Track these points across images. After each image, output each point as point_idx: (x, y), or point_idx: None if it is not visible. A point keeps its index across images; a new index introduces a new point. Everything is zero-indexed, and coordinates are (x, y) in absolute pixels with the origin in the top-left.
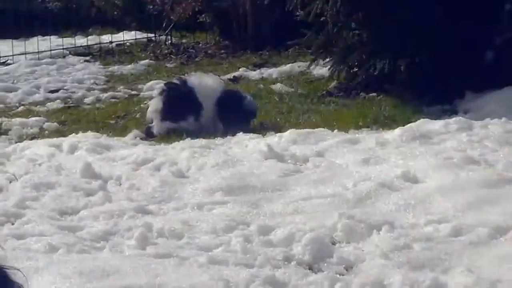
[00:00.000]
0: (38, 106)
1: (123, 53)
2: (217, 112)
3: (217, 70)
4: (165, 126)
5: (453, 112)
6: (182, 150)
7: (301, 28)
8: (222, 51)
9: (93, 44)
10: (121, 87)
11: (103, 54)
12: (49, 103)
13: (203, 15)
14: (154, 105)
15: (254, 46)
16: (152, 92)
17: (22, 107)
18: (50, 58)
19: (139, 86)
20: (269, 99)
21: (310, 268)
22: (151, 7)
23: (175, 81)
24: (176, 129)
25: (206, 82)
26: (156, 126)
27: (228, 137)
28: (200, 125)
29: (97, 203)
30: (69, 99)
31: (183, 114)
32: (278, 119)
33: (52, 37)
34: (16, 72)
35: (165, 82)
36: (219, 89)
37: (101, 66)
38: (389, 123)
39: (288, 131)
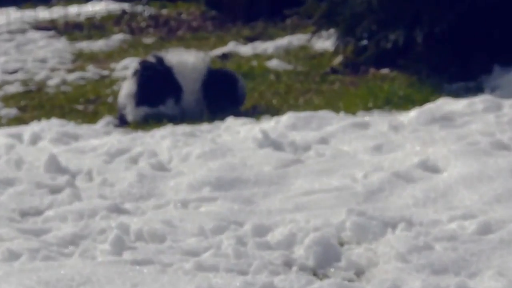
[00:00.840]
0: None
1: (93, 27)
2: (201, 96)
3: (203, 45)
4: (141, 112)
5: (478, 90)
6: (163, 139)
7: None
8: (209, 23)
9: (58, 17)
10: (91, 66)
11: (70, 29)
12: (6, 86)
13: None
14: (127, 88)
15: (246, 16)
16: (127, 73)
17: None
18: (8, 34)
19: (112, 65)
20: (264, 78)
21: (314, 274)
22: None
23: (151, 59)
24: (154, 115)
25: (186, 60)
26: (131, 112)
27: (216, 122)
28: (182, 110)
29: (65, 201)
30: (30, 82)
31: (161, 97)
32: (274, 101)
33: (9, 8)
34: None
35: (140, 61)
36: (203, 68)
37: (68, 43)
38: (404, 103)
39: (286, 115)
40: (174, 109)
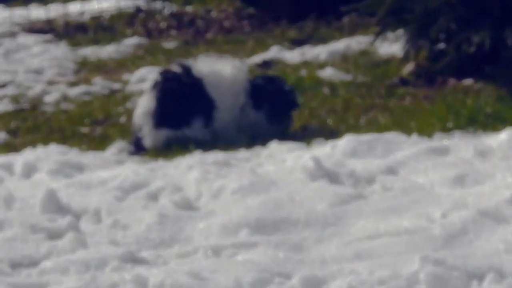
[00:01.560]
0: None
1: (100, 28)
2: (246, 114)
3: (238, 51)
4: (161, 135)
5: None
6: (189, 169)
7: None
8: (245, 23)
9: (56, 17)
10: (98, 78)
11: (71, 31)
12: None
13: None
14: (144, 105)
15: (292, 14)
16: (143, 86)
17: None
18: None
19: (125, 77)
20: (316, 92)
21: None
22: None
23: (175, 68)
24: (178, 139)
25: (221, 70)
26: (149, 136)
27: (256, 148)
28: (214, 132)
29: (66, 249)
30: (22, 98)
31: (188, 116)
32: (329, 121)
33: None
34: None
35: (160, 71)
36: (243, 79)
37: (69, 49)
38: (493, 123)
39: (345, 138)
40: (204, 132)
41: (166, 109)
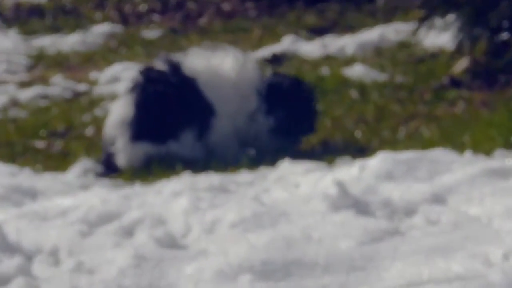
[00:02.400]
0: None
1: (61, 12)
2: (256, 119)
3: (241, 41)
4: (140, 152)
5: None
6: (175, 197)
7: None
8: (250, 6)
9: None
10: (58, 76)
11: (23, 15)
12: None
13: None
14: (119, 113)
15: None
16: (117, 87)
17: None
18: None
19: (93, 76)
20: (341, 96)
21: None
22: None
23: (159, 65)
24: (162, 157)
25: (221, 65)
26: (124, 152)
27: (261, 169)
28: (209, 148)
29: None
30: None
31: (174, 127)
32: (357, 134)
33: None
34: None
35: (140, 68)
36: (253, 77)
37: (20, 38)
38: None
39: (378, 156)
40: (196, 147)
41: (146, 117)
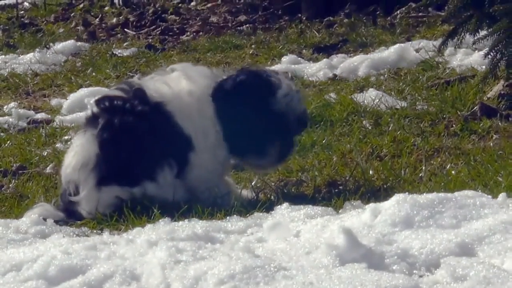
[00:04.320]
0: None
1: (18, 26)
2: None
3: (232, 60)
4: (108, 195)
5: None
6: (151, 247)
7: None
8: (243, 19)
9: None
10: (12, 103)
11: None
12: None
13: None
14: (81, 152)
15: (316, 6)
16: (82, 116)
17: None
18: None
19: (53, 103)
20: (351, 126)
21: None
22: None
23: (124, 90)
24: (134, 200)
25: (193, 87)
26: (88, 197)
27: (255, 214)
28: (189, 186)
29: None
30: None
31: (147, 164)
32: (370, 172)
33: None
34: None
35: (98, 97)
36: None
37: None
38: None
39: (394, 199)
40: (174, 187)
41: (113, 155)
